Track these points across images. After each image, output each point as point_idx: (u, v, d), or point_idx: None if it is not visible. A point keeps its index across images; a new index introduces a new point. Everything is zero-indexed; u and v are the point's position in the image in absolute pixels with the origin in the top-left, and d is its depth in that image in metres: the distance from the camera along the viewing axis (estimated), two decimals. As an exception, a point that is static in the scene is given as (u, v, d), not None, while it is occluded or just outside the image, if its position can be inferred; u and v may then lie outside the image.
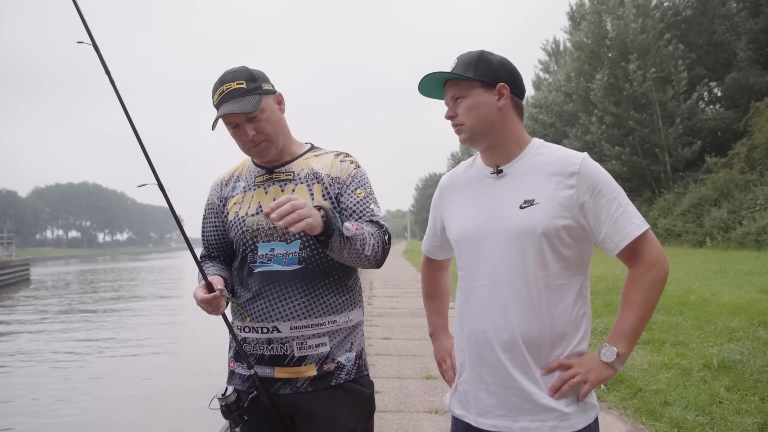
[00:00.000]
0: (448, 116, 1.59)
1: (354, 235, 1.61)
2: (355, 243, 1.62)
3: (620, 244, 1.45)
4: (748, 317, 6.52)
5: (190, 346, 10.96)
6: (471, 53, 1.56)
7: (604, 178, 1.49)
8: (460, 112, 1.55)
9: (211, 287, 1.64)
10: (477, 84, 1.52)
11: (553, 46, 41.62)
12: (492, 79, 1.52)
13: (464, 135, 1.56)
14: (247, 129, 1.72)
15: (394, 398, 4.59)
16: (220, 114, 1.69)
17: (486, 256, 1.53)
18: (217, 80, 1.75)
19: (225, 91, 1.71)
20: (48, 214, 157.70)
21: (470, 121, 1.54)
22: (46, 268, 57.14)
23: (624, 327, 1.48)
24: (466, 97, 1.53)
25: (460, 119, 1.55)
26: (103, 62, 1.65)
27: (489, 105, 1.53)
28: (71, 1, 1.63)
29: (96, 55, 1.64)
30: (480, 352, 1.53)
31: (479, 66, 1.53)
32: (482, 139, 1.56)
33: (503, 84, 1.53)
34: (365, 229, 1.68)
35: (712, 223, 19.49)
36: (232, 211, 1.83)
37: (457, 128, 1.57)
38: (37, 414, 7.44)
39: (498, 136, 1.55)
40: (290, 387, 1.74)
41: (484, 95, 1.52)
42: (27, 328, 15.35)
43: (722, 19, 26.00)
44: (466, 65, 1.54)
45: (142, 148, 1.70)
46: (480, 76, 1.52)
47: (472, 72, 1.52)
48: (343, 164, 1.83)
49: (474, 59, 1.54)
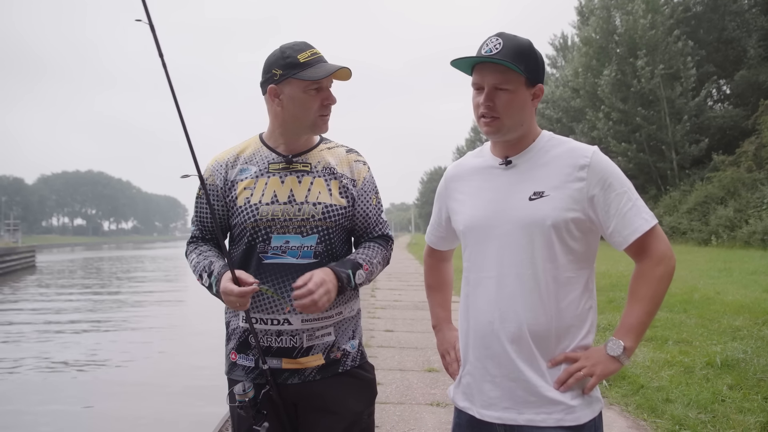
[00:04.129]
0: (484, 103, 1.47)
1: (364, 281, 1.76)
2: (366, 282, 1.78)
3: (629, 239, 1.45)
4: (753, 316, 6.50)
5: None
6: (520, 40, 1.47)
7: (615, 171, 1.47)
8: (499, 104, 1.46)
9: (238, 281, 1.62)
10: (523, 79, 1.46)
11: (561, 41, 41.39)
12: (535, 77, 1.48)
13: (494, 128, 1.49)
14: (332, 94, 1.76)
15: (396, 390, 4.61)
16: (340, 67, 1.69)
17: (493, 247, 1.51)
18: (299, 43, 1.74)
19: (318, 53, 1.73)
20: (54, 202, 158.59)
21: (508, 117, 1.47)
22: (51, 255, 57.44)
23: (631, 321, 1.47)
24: (511, 91, 1.45)
25: (497, 111, 1.47)
26: (157, 43, 1.60)
27: (527, 104, 1.49)
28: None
29: (151, 35, 1.59)
30: (486, 343, 1.52)
31: (529, 60, 1.46)
32: (509, 135, 1.52)
33: (541, 86, 1.49)
34: (374, 262, 1.80)
35: (718, 222, 19.41)
36: (242, 196, 1.77)
37: (489, 119, 1.48)
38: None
39: (523, 132, 1.52)
40: (298, 377, 1.75)
41: (526, 93, 1.48)
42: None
43: (733, 15, 25.76)
44: (516, 55, 1.44)
45: (186, 138, 1.65)
46: (528, 72, 1.46)
47: (523, 65, 1.44)
48: (357, 165, 1.85)
49: (525, 50, 1.46)
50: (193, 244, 1.89)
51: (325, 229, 1.75)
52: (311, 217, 1.74)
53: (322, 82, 1.72)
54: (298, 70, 1.69)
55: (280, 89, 1.72)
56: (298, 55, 1.70)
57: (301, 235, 1.74)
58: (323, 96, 1.74)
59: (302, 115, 1.74)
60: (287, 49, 1.72)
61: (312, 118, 1.74)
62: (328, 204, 1.76)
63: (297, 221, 1.73)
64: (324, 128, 1.80)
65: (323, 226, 1.75)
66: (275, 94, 1.73)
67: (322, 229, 1.75)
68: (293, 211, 1.74)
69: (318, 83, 1.71)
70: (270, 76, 1.73)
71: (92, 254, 58.99)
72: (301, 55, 1.70)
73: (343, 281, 1.68)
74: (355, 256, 1.78)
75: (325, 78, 1.70)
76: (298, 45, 1.74)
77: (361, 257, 1.77)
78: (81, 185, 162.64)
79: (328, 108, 1.76)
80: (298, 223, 1.73)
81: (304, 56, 1.70)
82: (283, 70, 1.70)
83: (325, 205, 1.76)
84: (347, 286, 1.70)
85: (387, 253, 1.88)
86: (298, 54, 1.70)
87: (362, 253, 1.79)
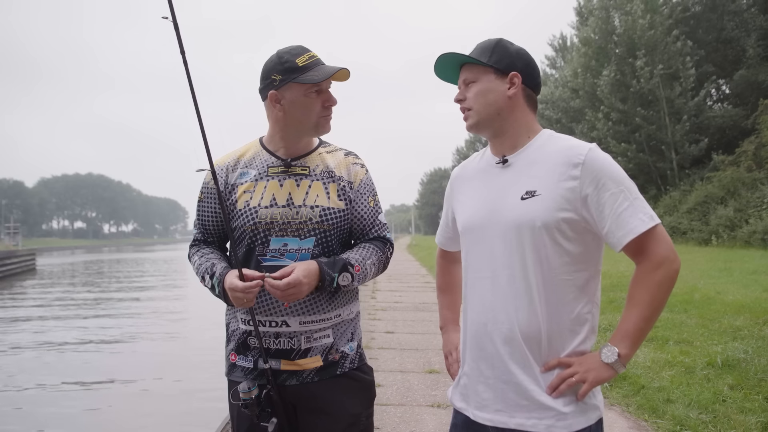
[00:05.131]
0: (457, 99, 1.58)
1: (350, 283, 1.74)
2: (355, 283, 1.75)
3: (623, 240, 1.39)
4: (753, 316, 6.50)
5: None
6: (489, 40, 1.56)
7: (611, 170, 1.42)
8: (469, 96, 1.54)
9: (244, 278, 1.64)
10: (489, 70, 1.51)
11: (560, 42, 41.44)
12: (506, 66, 1.51)
13: (471, 120, 1.55)
14: (332, 95, 1.77)
15: (397, 392, 4.60)
16: (339, 68, 1.70)
17: (487, 247, 1.51)
18: (297, 47, 1.75)
19: (315, 56, 1.74)
20: (54, 205, 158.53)
21: (478, 105, 1.53)
22: (51, 258, 57.43)
23: (627, 327, 1.42)
24: (476, 82, 1.53)
25: (468, 103, 1.54)
26: (180, 41, 1.61)
27: (498, 92, 1.51)
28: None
29: (174, 32, 1.60)
30: (480, 344, 1.51)
31: (494, 52, 1.52)
32: (488, 126, 1.55)
33: (515, 73, 1.51)
34: (367, 263, 1.78)
35: (718, 222, 19.39)
36: (242, 199, 1.79)
37: (464, 112, 1.56)
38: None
39: (505, 124, 1.53)
40: (296, 378, 1.75)
41: (495, 82, 1.51)
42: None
43: (732, 15, 25.78)
44: (482, 50, 1.54)
45: (203, 136, 1.66)
46: (494, 63, 1.51)
47: (486, 57, 1.51)
48: (354, 167, 1.86)
49: (491, 46, 1.54)
50: (196, 247, 1.90)
51: (323, 232, 1.76)
52: (309, 220, 1.75)
53: (322, 84, 1.73)
54: (297, 74, 1.70)
55: (280, 94, 1.73)
56: (297, 59, 1.71)
57: (299, 237, 1.74)
58: (324, 98, 1.75)
59: (305, 118, 1.75)
60: (284, 53, 1.73)
61: (314, 120, 1.76)
62: (326, 207, 1.77)
63: (295, 224, 1.74)
64: (327, 128, 1.81)
65: (320, 229, 1.76)
66: (276, 100, 1.73)
67: (320, 231, 1.75)
68: (291, 214, 1.75)
69: (318, 86, 1.72)
70: (269, 82, 1.73)
71: (93, 257, 58.96)
72: (299, 59, 1.71)
73: (324, 281, 1.69)
74: (348, 255, 1.77)
75: (325, 80, 1.71)
76: (295, 49, 1.74)
77: (354, 257, 1.77)
78: (81, 188, 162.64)
79: (330, 109, 1.78)
80: (296, 226, 1.74)
81: (302, 60, 1.71)
82: (282, 75, 1.71)
83: (323, 208, 1.76)
84: (328, 286, 1.70)
85: (383, 256, 1.87)
86: (296, 58, 1.71)
87: (356, 253, 1.79)
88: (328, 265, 1.70)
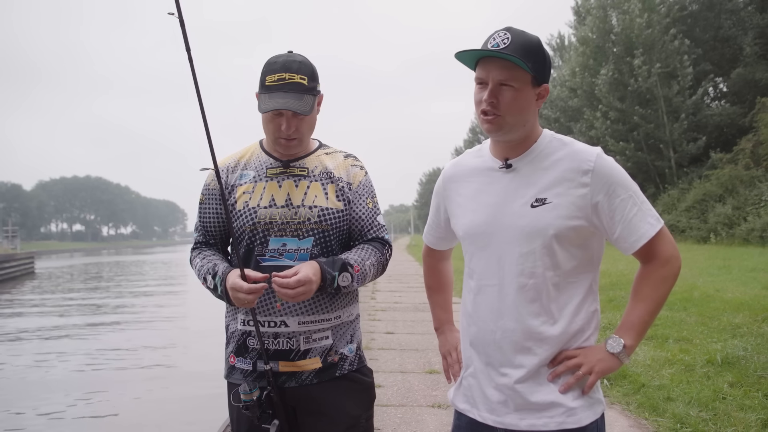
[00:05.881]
0: (487, 99, 1.41)
1: (350, 283, 1.72)
2: (354, 284, 1.74)
3: (635, 245, 1.42)
4: (752, 313, 6.51)
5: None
6: (529, 36, 1.41)
7: (619, 175, 1.43)
8: (503, 101, 1.40)
9: (247, 278, 1.63)
10: (529, 77, 1.40)
11: (558, 41, 41.47)
12: (542, 77, 1.43)
13: (496, 126, 1.43)
14: (290, 124, 1.70)
15: (397, 392, 4.60)
16: (279, 107, 1.65)
17: (494, 254, 1.48)
18: (279, 62, 1.71)
19: (287, 79, 1.68)
20: (52, 208, 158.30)
21: (511, 115, 1.41)
22: (50, 261, 57.35)
23: (632, 319, 1.46)
24: (516, 89, 1.39)
25: (501, 109, 1.41)
26: (186, 37, 1.59)
27: (532, 103, 1.44)
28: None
29: (180, 29, 1.59)
30: (488, 350, 1.50)
31: (537, 57, 1.40)
32: (510, 135, 1.46)
33: (547, 86, 1.45)
34: (366, 264, 1.76)
35: (717, 219, 19.42)
36: (241, 200, 1.79)
37: (491, 116, 1.42)
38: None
39: (524, 133, 1.47)
40: (296, 380, 1.75)
41: (531, 92, 1.42)
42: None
43: (729, 14, 25.80)
44: (524, 51, 1.38)
45: (207, 135, 1.65)
46: (535, 71, 1.40)
47: (531, 62, 1.38)
48: (354, 169, 1.86)
49: (534, 47, 1.40)
50: (197, 249, 1.90)
51: (321, 232, 1.76)
52: (307, 221, 1.75)
53: (282, 112, 1.69)
54: (262, 91, 1.71)
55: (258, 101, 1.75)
56: (267, 77, 1.71)
57: (298, 238, 1.75)
58: (278, 123, 1.71)
59: (266, 131, 1.78)
60: (268, 64, 1.74)
61: (273, 139, 1.77)
62: (324, 207, 1.77)
63: (294, 224, 1.75)
64: (286, 150, 1.79)
65: (319, 229, 1.76)
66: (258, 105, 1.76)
67: (318, 232, 1.76)
68: (290, 215, 1.75)
69: (277, 112, 1.69)
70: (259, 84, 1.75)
71: (92, 260, 58.87)
72: (269, 77, 1.70)
73: (326, 281, 1.68)
74: (347, 256, 1.77)
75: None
76: (275, 64, 1.71)
77: (353, 258, 1.76)
78: (79, 191, 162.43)
79: (288, 136, 1.73)
80: (295, 226, 1.75)
81: (271, 79, 1.70)
82: (258, 85, 1.73)
83: (321, 209, 1.77)
84: (329, 286, 1.69)
85: (382, 258, 1.86)
86: (266, 75, 1.71)
87: (355, 254, 1.79)
88: (327, 264, 1.70)
